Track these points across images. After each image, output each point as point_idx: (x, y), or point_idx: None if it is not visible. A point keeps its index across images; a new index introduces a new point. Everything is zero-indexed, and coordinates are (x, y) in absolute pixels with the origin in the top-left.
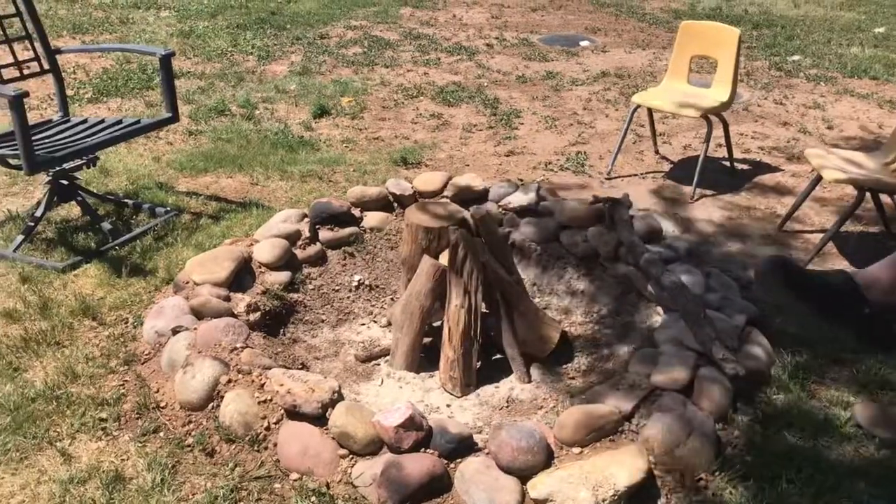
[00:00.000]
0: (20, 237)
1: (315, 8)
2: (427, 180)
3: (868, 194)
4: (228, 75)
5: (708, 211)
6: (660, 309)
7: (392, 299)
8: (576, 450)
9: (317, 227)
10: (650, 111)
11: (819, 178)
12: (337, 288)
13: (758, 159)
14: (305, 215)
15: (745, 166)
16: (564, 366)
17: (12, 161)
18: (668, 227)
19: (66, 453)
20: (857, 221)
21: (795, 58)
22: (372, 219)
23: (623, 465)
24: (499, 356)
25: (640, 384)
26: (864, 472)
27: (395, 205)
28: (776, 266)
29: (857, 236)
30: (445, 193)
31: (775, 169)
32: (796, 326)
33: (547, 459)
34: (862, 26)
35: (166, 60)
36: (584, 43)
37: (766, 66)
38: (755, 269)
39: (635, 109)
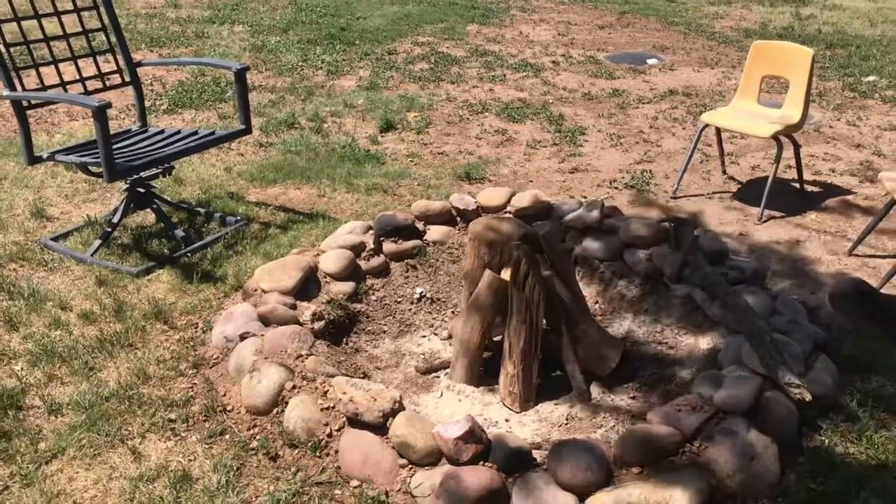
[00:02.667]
0: (97, 242)
1: (383, 24)
2: (491, 195)
3: None
4: (298, 89)
5: (776, 233)
6: (724, 331)
7: (453, 312)
8: (635, 470)
9: (381, 239)
10: (718, 131)
11: (893, 202)
12: (399, 300)
13: (829, 181)
14: (370, 227)
15: (815, 188)
16: (625, 385)
17: (93, 169)
18: (735, 248)
19: (137, 452)
20: None
21: (871, 78)
22: (435, 232)
23: (683, 488)
24: (559, 373)
25: (703, 406)
26: None
27: (459, 219)
28: (852, 290)
29: None
30: (509, 209)
31: (847, 191)
32: (867, 353)
33: (606, 478)
34: None
35: (241, 74)
36: (651, 61)
37: (840, 87)
38: (830, 291)
39: (703, 128)
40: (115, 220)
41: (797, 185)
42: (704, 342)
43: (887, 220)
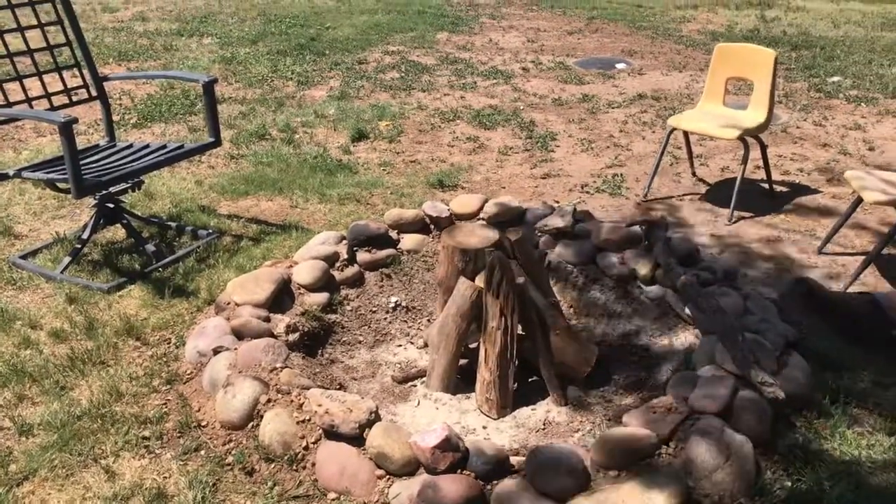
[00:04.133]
0: (67, 259)
1: (353, 34)
2: (463, 202)
3: None
4: (269, 100)
5: (746, 233)
6: (697, 331)
7: (429, 321)
8: (613, 473)
9: (355, 249)
10: (686, 134)
11: (860, 201)
12: (374, 309)
13: (797, 181)
14: (343, 237)
15: (783, 188)
16: (601, 388)
17: (61, 185)
18: (706, 250)
19: (111, 470)
20: None
21: (835, 79)
22: (409, 241)
23: (661, 489)
24: (535, 378)
25: (678, 407)
26: None
27: (432, 227)
28: (800, 288)
29: None
30: (482, 216)
31: (814, 191)
32: (837, 351)
33: (583, 482)
34: None
35: (209, 87)
36: (620, 66)
37: (805, 88)
38: (778, 291)
39: (671, 132)
40: (85, 236)
41: (766, 186)
42: (678, 343)
43: (854, 218)
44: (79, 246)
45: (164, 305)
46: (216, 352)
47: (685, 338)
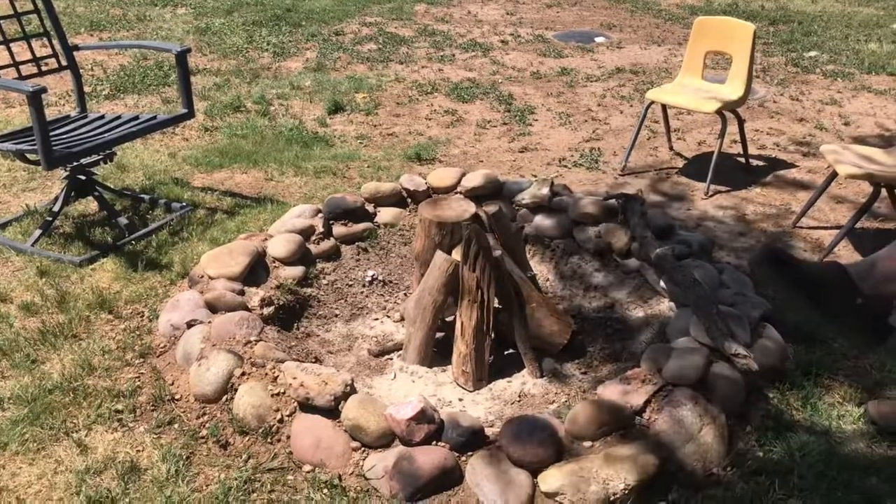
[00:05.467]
0: (38, 231)
1: (330, 5)
2: (441, 176)
3: (884, 190)
4: (244, 72)
5: (722, 207)
6: (672, 304)
7: (405, 294)
8: (587, 444)
9: (331, 222)
10: (664, 107)
11: (834, 175)
12: (350, 283)
13: (773, 156)
14: (319, 211)
15: (760, 162)
16: (577, 360)
17: (31, 157)
18: (682, 223)
19: (83, 444)
20: (873, 218)
21: (812, 54)
22: (386, 214)
23: (634, 460)
24: (511, 351)
25: (652, 379)
26: (876, 468)
27: (409, 200)
28: (767, 257)
29: (873, 232)
30: (459, 189)
31: (790, 165)
32: (807, 322)
33: (558, 453)
34: (880, 22)
35: (182, 57)
36: (599, 39)
37: (783, 62)
38: (748, 260)
39: (649, 106)
40: (56, 208)
41: (742, 160)
42: (653, 316)
43: (829, 192)
44: (50, 218)
45: (137, 279)
46: (189, 325)
47: (660, 310)
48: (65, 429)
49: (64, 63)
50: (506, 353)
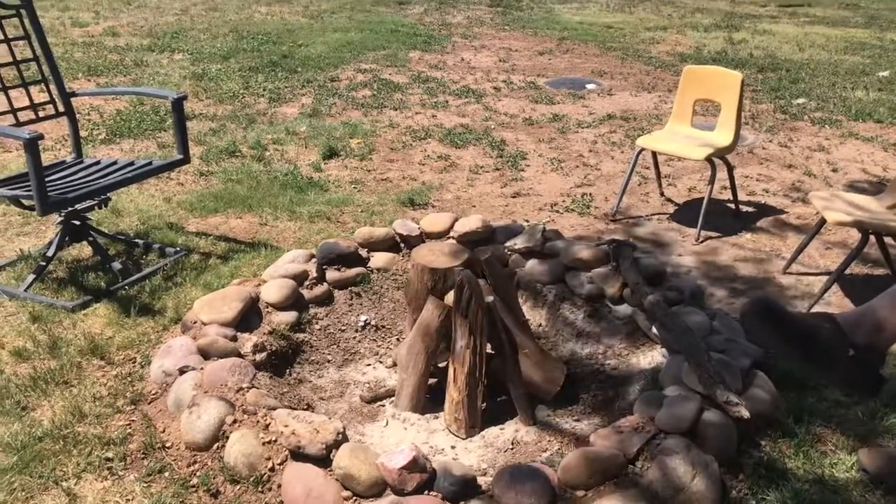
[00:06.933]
0: (31, 276)
1: (326, 51)
2: (434, 221)
3: (873, 237)
4: (240, 117)
5: (713, 253)
6: (665, 351)
7: (398, 339)
8: (580, 493)
9: (324, 267)
10: (654, 154)
11: (823, 221)
12: (343, 328)
13: (763, 202)
14: (313, 255)
15: (749, 209)
16: (570, 407)
17: (26, 202)
18: (673, 269)
19: (72, 493)
20: (862, 264)
21: (800, 101)
22: (379, 259)
23: None
24: (504, 398)
25: (645, 427)
26: None
27: (402, 245)
28: (759, 308)
29: (862, 279)
30: (452, 234)
31: (780, 211)
32: (797, 369)
33: (551, 502)
34: (866, 70)
35: (178, 104)
36: (590, 86)
37: (771, 109)
38: (741, 311)
39: (640, 152)
40: (50, 253)
41: (732, 206)
42: (646, 362)
43: (819, 238)
44: (43, 263)
45: (129, 324)
46: (182, 371)
47: (653, 357)
48: (54, 477)
49: (61, 109)
50: (498, 399)
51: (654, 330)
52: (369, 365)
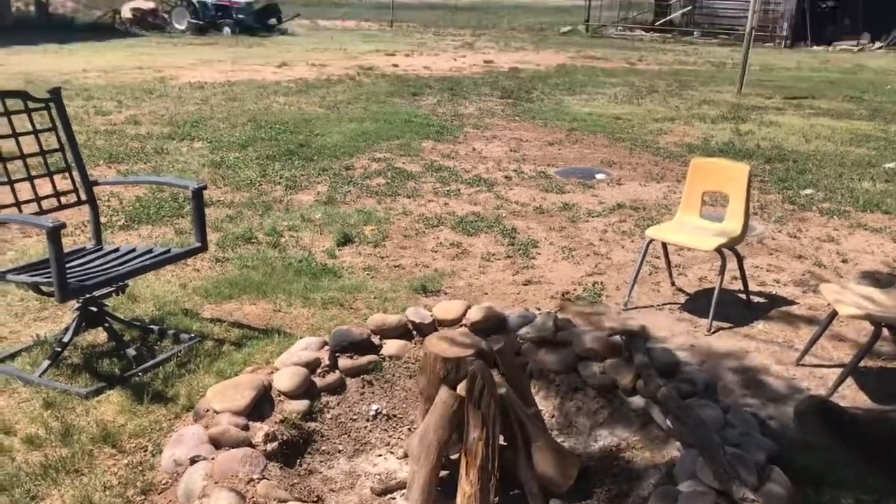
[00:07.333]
0: (46, 362)
1: (341, 141)
2: (446, 308)
3: (886, 330)
4: (256, 204)
5: (725, 344)
6: (679, 444)
7: (409, 429)
8: None
9: (336, 355)
10: (664, 244)
11: (835, 314)
12: (355, 417)
13: (773, 292)
14: (325, 343)
15: (760, 299)
16: (583, 501)
17: (45, 288)
18: (686, 360)
19: None
20: (876, 357)
21: (808, 191)
22: (391, 347)
23: None
24: (517, 491)
25: None
26: None
27: (415, 333)
28: (815, 409)
29: (877, 371)
30: (464, 322)
31: (791, 302)
32: (820, 465)
33: None
34: (872, 161)
35: (198, 193)
36: (599, 176)
37: (780, 200)
38: (796, 408)
39: (650, 243)
40: (66, 339)
41: (743, 297)
42: (660, 456)
43: (831, 330)
44: (59, 349)
45: (142, 411)
46: (193, 461)
47: (667, 451)
48: None
49: (84, 197)
50: (511, 493)
51: (668, 422)
52: (380, 455)
